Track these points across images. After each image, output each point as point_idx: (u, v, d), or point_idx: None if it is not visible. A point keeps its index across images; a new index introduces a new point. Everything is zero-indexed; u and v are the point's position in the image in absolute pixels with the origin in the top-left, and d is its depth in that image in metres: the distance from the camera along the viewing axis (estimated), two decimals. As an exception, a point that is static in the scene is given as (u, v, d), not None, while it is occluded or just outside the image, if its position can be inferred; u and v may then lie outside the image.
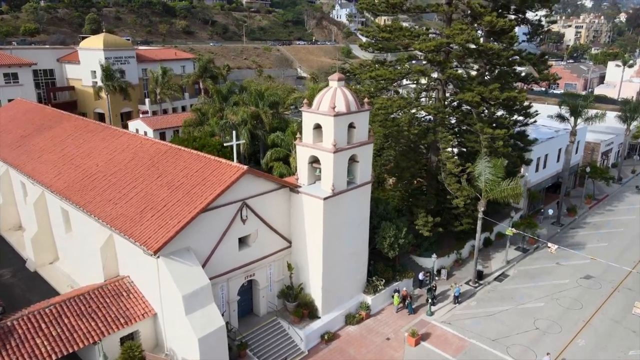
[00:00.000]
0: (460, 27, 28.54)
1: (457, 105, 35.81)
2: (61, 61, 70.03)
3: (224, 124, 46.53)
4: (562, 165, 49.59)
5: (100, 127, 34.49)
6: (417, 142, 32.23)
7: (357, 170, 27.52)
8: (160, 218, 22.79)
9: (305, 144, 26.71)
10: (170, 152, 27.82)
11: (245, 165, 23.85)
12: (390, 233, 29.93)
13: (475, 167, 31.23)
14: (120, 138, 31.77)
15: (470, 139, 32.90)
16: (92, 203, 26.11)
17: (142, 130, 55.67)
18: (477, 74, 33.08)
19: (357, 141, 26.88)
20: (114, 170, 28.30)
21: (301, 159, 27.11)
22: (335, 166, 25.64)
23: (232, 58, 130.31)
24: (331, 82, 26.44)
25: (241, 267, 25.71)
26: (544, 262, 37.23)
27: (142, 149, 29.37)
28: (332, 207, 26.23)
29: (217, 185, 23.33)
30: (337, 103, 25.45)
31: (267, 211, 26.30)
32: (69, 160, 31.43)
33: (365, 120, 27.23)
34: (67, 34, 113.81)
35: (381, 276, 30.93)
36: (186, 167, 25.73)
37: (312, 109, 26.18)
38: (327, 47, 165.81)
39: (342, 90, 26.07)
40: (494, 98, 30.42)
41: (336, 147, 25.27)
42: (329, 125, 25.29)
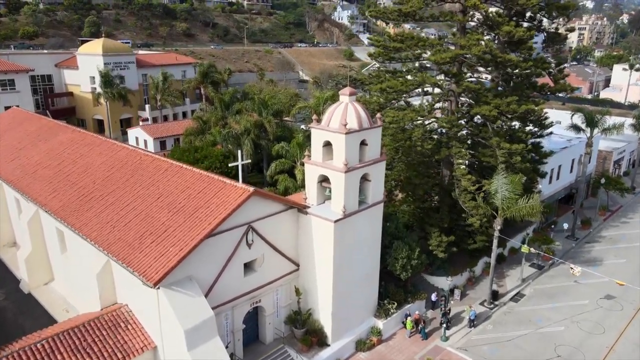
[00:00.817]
0: (477, 37, 27.03)
1: (470, 117, 34.33)
2: (59, 66, 68.59)
3: (226, 133, 45.04)
4: (575, 175, 48.11)
5: (97, 141, 32.98)
6: (430, 157, 30.69)
7: (368, 190, 26.02)
8: (160, 244, 21.27)
9: (315, 162, 25.21)
10: (171, 170, 26.30)
11: (252, 187, 22.33)
12: (402, 254, 28.42)
13: (491, 183, 29.74)
14: (118, 153, 30.25)
15: (485, 153, 31.38)
16: (88, 226, 24.59)
17: (142, 139, 54.24)
18: (491, 85, 31.56)
19: (369, 159, 25.40)
20: (112, 188, 26.78)
21: (310, 178, 25.62)
22: (346, 186, 24.14)
23: (233, 61, 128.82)
24: (342, 96, 24.93)
25: (247, 294, 24.21)
26: (561, 280, 35.68)
27: (142, 165, 27.84)
28: (343, 230, 24.73)
29: (221, 208, 21.82)
30: (348, 119, 23.95)
31: (274, 234, 24.81)
32: (64, 176, 29.91)
33: (377, 137, 25.73)
34: (66, 37, 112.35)
35: (393, 298, 29.41)
36: (188, 187, 24.22)
37: (321, 126, 24.68)
38: (329, 50, 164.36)
39: (353, 105, 24.57)
40: (512, 111, 28.89)
41: (348, 166, 23.76)
42: (340, 143, 23.79)
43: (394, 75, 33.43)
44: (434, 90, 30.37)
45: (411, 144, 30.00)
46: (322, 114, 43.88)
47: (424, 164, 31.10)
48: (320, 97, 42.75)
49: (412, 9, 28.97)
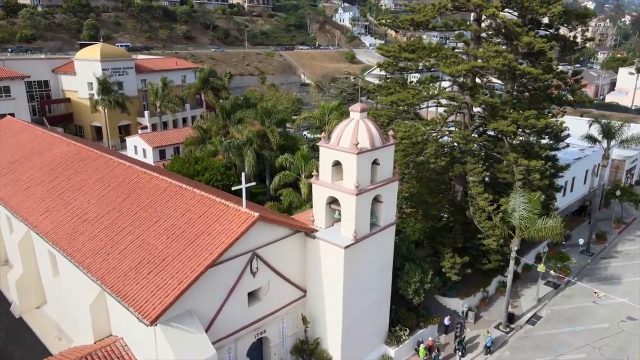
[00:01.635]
0: (495, 48, 25.40)
1: (484, 130, 32.74)
2: (56, 72, 67.03)
3: (227, 143, 43.46)
4: (588, 187, 46.54)
5: (93, 155, 31.36)
6: (443, 173, 29.06)
7: (380, 211, 24.42)
8: (158, 276, 19.67)
9: (323, 183, 23.61)
10: (170, 190, 24.71)
11: (256, 212, 20.70)
12: (415, 278, 26.82)
13: (508, 202, 28.14)
14: (115, 169, 28.66)
15: (501, 169, 29.78)
16: (81, 251, 22.98)
17: (140, 148, 52.67)
18: (507, 98, 29.96)
19: (381, 179, 23.80)
20: (107, 209, 25.19)
21: (318, 200, 24.02)
22: (357, 209, 22.53)
23: (234, 64, 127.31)
24: (352, 113, 23.33)
25: (251, 325, 22.60)
26: (579, 301, 34.07)
27: (139, 184, 26.25)
28: (353, 255, 23.12)
29: (223, 236, 20.23)
30: (360, 138, 22.35)
31: (280, 259, 23.21)
32: (58, 194, 28.31)
33: (390, 156, 24.13)
34: (64, 40, 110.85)
35: (404, 324, 27.80)
36: (188, 210, 22.62)
37: (330, 144, 23.08)
38: (330, 52, 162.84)
39: (365, 122, 22.97)
40: (530, 126, 27.28)
41: (359, 188, 22.16)
42: (351, 163, 22.20)
43: (403, 87, 31.84)
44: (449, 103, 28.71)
45: (423, 160, 28.37)
46: (327, 124, 42.48)
47: (437, 181, 29.47)
48: (325, 107, 41.18)
49: (425, 19, 27.38)
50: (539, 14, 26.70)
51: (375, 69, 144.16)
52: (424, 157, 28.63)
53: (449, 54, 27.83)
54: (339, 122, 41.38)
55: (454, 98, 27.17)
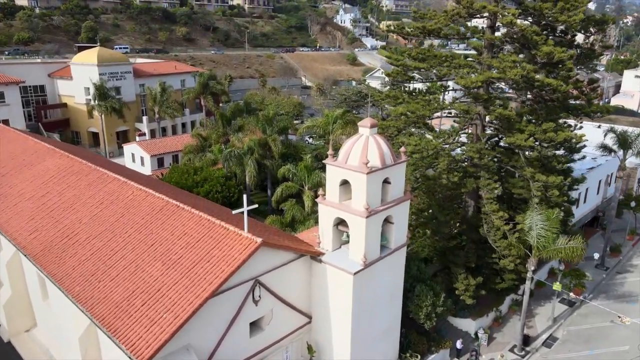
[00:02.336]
0: (512, 58, 23.85)
1: (497, 141, 31.22)
2: (53, 76, 65.51)
3: (228, 153, 41.97)
4: (601, 197, 44.99)
5: (86, 169, 29.80)
6: (456, 189, 27.48)
7: (391, 233, 22.88)
8: (152, 308, 18.11)
9: (330, 204, 22.05)
10: (167, 209, 23.16)
11: (260, 239, 19.14)
12: (427, 302, 25.28)
13: (524, 219, 26.61)
14: (108, 185, 27.11)
15: (516, 184, 28.22)
16: (71, 277, 21.43)
17: (138, 155, 51.13)
18: (522, 109, 28.42)
19: (392, 199, 22.27)
20: (100, 230, 23.64)
21: (325, 221, 22.47)
22: (367, 232, 20.99)
23: (234, 67, 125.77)
24: (362, 128, 21.77)
25: (253, 356, 21.06)
26: (596, 320, 32.50)
27: (134, 202, 24.70)
28: (363, 281, 21.58)
29: (223, 264, 18.68)
30: (370, 156, 20.81)
31: (284, 285, 21.68)
32: (48, 211, 26.76)
33: (401, 173, 22.59)
34: (62, 43, 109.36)
35: (415, 349, 26.27)
36: (185, 234, 21.07)
37: (338, 162, 21.53)
38: (332, 54, 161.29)
39: (375, 139, 21.42)
40: (548, 140, 25.72)
41: (369, 209, 20.61)
42: (360, 184, 20.65)
43: (412, 96, 30.33)
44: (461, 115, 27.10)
45: (435, 175, 26.81)
46: (331, 134, 41.00)
47: (448, 198, 27.89)
48: (329, 116, 39.62)
49: (437, 26, 25.84)
50: (559, 22, 25.18)
51: (377, 71, 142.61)
52: (434, 170, 27.07)
53: (462, 63, 26.27)
54: (343, 131, 40.20)
55: (468, 111, 25.57)
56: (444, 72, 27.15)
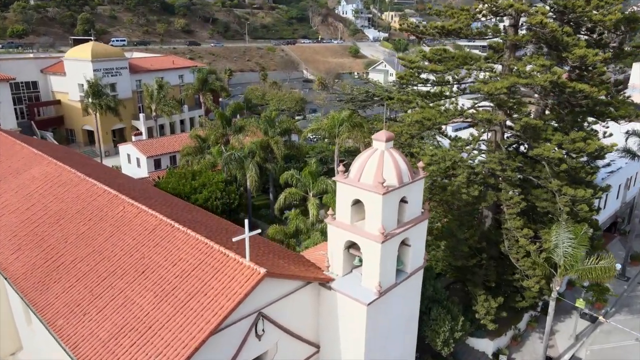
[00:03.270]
0: (541, 62, 21.55)
1: (517, 148, 29.00)
2: (45, 72, 63.15)
3: (228, 156, 39.78)
4: (620, 202, 42.84)
5: (75, 179, 27.63)
6: (475, 204, 25.30)
7: (408, 256, 20.76)
8: (141, 350, 16.07)
9: (341, 225, 19.89)
10: (160, 230, 21.02)
11: (264, 269, 17.02)
12: (445, 327, 23.24)
13: (549, 235, 24.50)
14: (98, 199, 24.96)
15: (539, 196, 26.00)
16: (53, 307, 19.38)
17: (134, 157, 48.95)
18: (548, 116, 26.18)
19: (409, 219, 20.12)
20: (87, 251, 21.55)
21: (335, 244, 20.34)
22: (383, 258, 18.87)
23: (234, 60, 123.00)
24: (376, 142, 19.54)
25: (255, 394, 19.04)
26: (620, 338, 30.51)
27: (125, 220, 22.57)
28: (377, 311, 19.50)
29: (222, 298, 16.60)
30: (386, 174, 18.63)
31: (290, 316, 19.60)
32: (32, 227, 24.66)
33: (419, 190, 20.41)
34: (57, 35, 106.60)
35: (431, 377, 24.30)
36: (180, 259, 18.97)
37: (350, 180, 19.33)
38: (333, 47, 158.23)
39: (391, 154, 19.21)
40: (577, 150, 23.50)
41: (385, 233, 18.47)
42: (375, 205, 18.48)
43: (427, 100, 28.05)
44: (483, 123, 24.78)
45: (453, 189, 24.64)
46: (337, 137, 38.76)
47: (469, 214, 25.69)
48: (335, 117, 37.32)
49: (458, 26, 23.50)
50: (592, 21, 22.86)
51: (380, 64, 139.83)
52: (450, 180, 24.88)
53: (483, 66, 23.95)
54: (350, 134, 37.99)
55: (492, 120, 23.30)
56: (463, 75, 24.85)
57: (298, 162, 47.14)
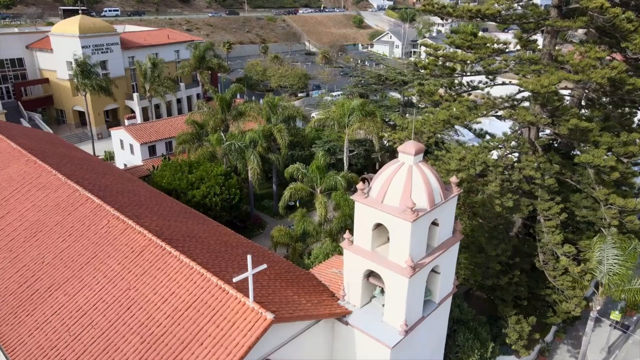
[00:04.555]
0: (597, 53, 18.11)
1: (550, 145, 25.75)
2: (31, 48, 59.05)
3: (227, 146, 36.56)
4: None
5: (55, 182, 24.58)
6: (509, 215, 22.25)
7: (437, 284, 17.95)
8: (126, 415, 13.42)
9: (360, 251, 16.98)
10: (150, 252, 18.14)
11: (271, 314, 14.19)
12: (473, 356, 20.61)
13: (591, 248, 21.63)
14: (80, 208, 21.98)
15: (579, 204, 22.98)
16: (26, 347, 16.70)
17: (127, 143, 45.68)
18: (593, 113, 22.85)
19: (440, 242, 17.21)
20: (67, 276, 18.73)
21: (352, 272, 17.50)
22: (409, 293, 16.03)
23: (233, 31, 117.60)
24: (403, 155, 16.35)
25: None
26: (655, 352, 28.05)
27: (109, 237, 19.65)
28: (401, 352, 16.80)
29: (221, 351, 13.89)
30: (415, 195, 15.57)
31: (301, 354, 16.92)
32: (7, 240, 21.80)
33: (451, 209, 17.40)
34: (47, 5, 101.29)
35: (455, 405, 21.85)
36: (172, 294, 16.15)
37: (371, 201, 16.28)
38: (336, 16, 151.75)
39: (421, 171, 16.08)
40: (630, 154, 20.33)
41: (413, 265, 15.56)
42: (403, 233, 15.50)
43: (452, 91, 24.69)
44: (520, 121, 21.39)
45: (484, 199, 21.58)
46: (347, 127, 35.39)
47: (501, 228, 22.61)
48: (345, 105, 33.83)
49: (495, 10, 19.91)
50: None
51: (385, 35, 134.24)
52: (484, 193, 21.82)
53: (524, 57, 20.43)
54: (361, 125, 34.62)
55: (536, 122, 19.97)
56: (499, 66, 21.42)
57: (303, 149, 43.94)
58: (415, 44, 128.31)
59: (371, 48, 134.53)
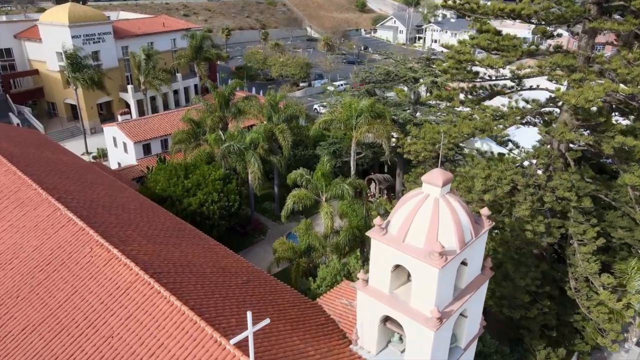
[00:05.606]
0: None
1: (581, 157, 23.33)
2: (20, 38, 56.16)
3: (226, 148, 34.22)
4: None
5: (35, 198, 22.32)
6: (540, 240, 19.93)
7: (463, 328, 15.77)
8: None
9: (376, 295, 14.78)
10: (136, 291, 16.00)
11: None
12: (500, 399, 18.56)
13: (629, 277, 19.45)
14: (60, 231, 19.79)
15: (615, 224, 20.72)
16: (-6, 404, 14.64)
17: (120, 141, 43.31)
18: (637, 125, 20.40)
19: (468, 283, 15.01)
20: (43, 315, 16.61)
21: (367, 315, 15.32)
22: (434, 346, 13.86)
23: (232, 16, 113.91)
24: (428, 186, 14.01)
25: None
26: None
27: (91, 270, 17.48)
28: (424, 409, 14.71)
29: None
30: (442, 234, 13.33)
31: (308, 412, 14.89)
32: (-20, 267, 19.59)
33: (481, 246, 15.13)
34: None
35: None
36: (161, 347, 14.08)
37: (391, 239, 14.00)
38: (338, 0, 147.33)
39: (449, 204, 13.78)
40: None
41: (439, 316, 13.36)
42: (428, 279, 13.28)
43: (473, 97, 22.26)
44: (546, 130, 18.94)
45: (513, 223, 19.29)
46: (355, 129, 32.89)
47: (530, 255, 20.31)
48: (353, 106, 31.26)
49: (533, 10, 17.34)
50: None
51: (389, 20, 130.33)
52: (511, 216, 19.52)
53: (560, 61, 17.88)
54: (370, 127, 32.14)
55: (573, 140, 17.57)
56: (531, 72, 18.93)
57: (306, 148, 41.56)
58: (420, 29, 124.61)
59: (374, 33, 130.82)
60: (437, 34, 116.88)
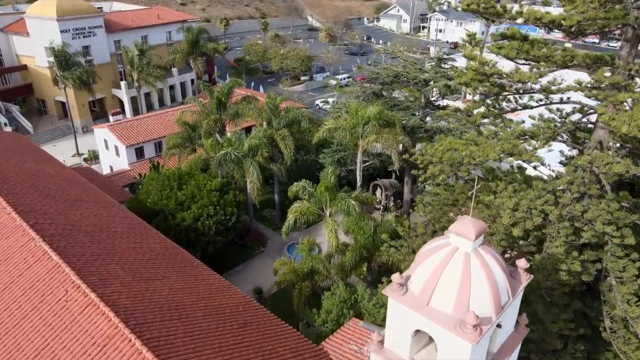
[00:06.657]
0: None
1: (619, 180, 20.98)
2: (6, 32, 53.47)
3: (222, 156, 31.95)
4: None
5: (10, 223, 20.17)
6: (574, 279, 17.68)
7: (491, 393, 13.62)
8: None
9: (393, 358, 12.61)
10: (115, 349, 13.87)
11: None
12: None
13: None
14: (34, 267, 17.69)
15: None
16: None
17: (111, 145, 41.00)
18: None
19: (501, 345, 12.86)
20: (9, 373, 14.47)
21: (382, 382, 13.14)
22: None
23: (231, 5, 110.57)
24: (457, 239, 11.73)
25: None
26: None
27: (65, 318, 15.37)
28: None
29: None
30: (475, 298, 11.13)
31: None
32: (-55, 307, 17.47)
33: (516, 305, 12.91)
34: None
35: None
36: None
37: (413, 301, 11.78)
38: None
39: (482, 261, 11.52)
40: None
41: (470, 393, 11.21)
42: (459, 353, 11.08)
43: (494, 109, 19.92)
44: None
45: (544, 261, 17.05)
46: (361, 138, 30.49)
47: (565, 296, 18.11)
48: (359, 113, 28.76)
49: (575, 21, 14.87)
50: None
51: (393, 8, 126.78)
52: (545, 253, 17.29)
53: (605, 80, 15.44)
54: (378, 137, 29.76)
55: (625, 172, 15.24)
56: (569, 88, 16.54)
57: (308, 152, 39.24)
58: (424, 17, 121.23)
59: (377, 22, 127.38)
60: (442, 23, 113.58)
